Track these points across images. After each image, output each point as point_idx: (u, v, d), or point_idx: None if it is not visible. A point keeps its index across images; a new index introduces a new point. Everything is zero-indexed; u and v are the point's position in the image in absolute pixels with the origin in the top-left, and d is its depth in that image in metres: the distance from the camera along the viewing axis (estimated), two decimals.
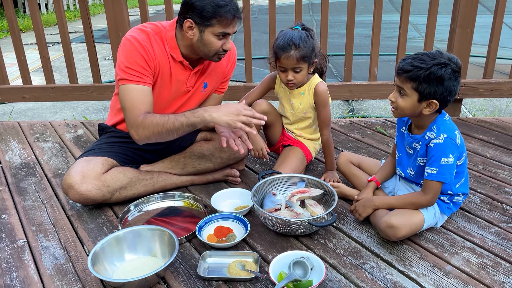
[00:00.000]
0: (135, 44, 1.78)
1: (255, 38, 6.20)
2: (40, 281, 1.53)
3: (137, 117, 1.76)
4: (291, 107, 2.11)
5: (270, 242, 1.69)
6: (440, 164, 1.57)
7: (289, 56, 1.87)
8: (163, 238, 1.59)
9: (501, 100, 3.75)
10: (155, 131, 1.76)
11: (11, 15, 2.91)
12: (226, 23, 1.74)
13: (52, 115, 3.76)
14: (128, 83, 1.77)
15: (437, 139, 1.57)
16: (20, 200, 2.03)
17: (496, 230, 1.73)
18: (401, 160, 1.77)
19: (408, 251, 1.62)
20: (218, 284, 1.48)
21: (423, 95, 1.53)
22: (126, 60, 1.77)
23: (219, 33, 1.75)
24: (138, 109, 1.76)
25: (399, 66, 1.56)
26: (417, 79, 1.51)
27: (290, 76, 1.93)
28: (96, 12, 9.90)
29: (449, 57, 1.52)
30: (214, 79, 2.04)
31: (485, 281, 1.47)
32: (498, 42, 2.79)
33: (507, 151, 2.38)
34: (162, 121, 1.75)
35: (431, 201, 1.63)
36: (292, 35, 1.89)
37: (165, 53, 1.85)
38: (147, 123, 1.75)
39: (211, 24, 1.73)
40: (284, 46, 1.88)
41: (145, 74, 1.79)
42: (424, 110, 1.56)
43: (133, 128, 1.78)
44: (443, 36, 2.99)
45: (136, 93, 1.78)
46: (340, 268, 1.55)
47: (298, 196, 1.84)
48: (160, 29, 1.86)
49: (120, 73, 1.79)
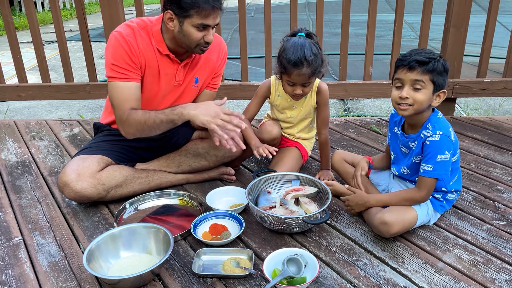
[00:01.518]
0: (119, 39, 1.80)
1: (251, 37, 6.23)
2: (36, 278, 1.54)
3: (123, 114, 1.81)
4: (292, 112, 2.09)
5: (264, 239, 1.71)
6: (436, 161, 1.59)
7: (301, 73, 1.81)
8: (158, 235, 1.60)
9: (495, 99, 3.77)
10: (138, 128, 1.81)
11: (6, 14, 2.90)
12: (205, 14, 1.70)
13: (48, 113, 3.76)
14: (115, 80, 1.80)
15: (433, 136, 1.59)
16: (16, 198, 2.03)
17: (488, 228, 1.75)
18: (396, 160, 1.80)
19: (401, 248, 1.64)
20: (212, 281, 1.50)
21: (437, 86, 1.56)
22: (112, 57, 1.80)
23: (198, 24, 1.72)
24: (124, 106, 1.81)
25: (412, 59, 1.53)
26: (434, 71, 1.54)
27: (298, 90, 1.88)
28: (92, 10, 9.87)
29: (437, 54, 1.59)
30: (205, 74, 2.03)
31: (476, 277, 1.49)
32: (492, 42, 2.81)
33: (499, 150, 2.40)
34: (143, 118, 1.79)
35: (425, 197, 1.64)
36: (304, 49, 1.79)
37: (151, 47, 1.85)
38: (131, 120, 1.80)
39: (189, 15, 1.71)
40: (296, 62, 1.79)
41: (130, 70, 1.81)
42: (434, 102, 1.60)
43: (120, 125, 1.84)
44: (438, 35, 3.01)
45: (122, 90, 1.81)
46: (334, 265, 1.56)
47: (293, 194, 1.85)
48: (146, 24, 1.87)
49: (107, 70, 1.82)
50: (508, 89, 2.88)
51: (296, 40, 1.84)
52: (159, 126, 1.80)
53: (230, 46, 5.88)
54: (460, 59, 2.84)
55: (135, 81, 1.83)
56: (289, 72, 1.83)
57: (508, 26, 6.03)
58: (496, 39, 2.92)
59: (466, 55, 2.98)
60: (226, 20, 2.70)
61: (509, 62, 2.86)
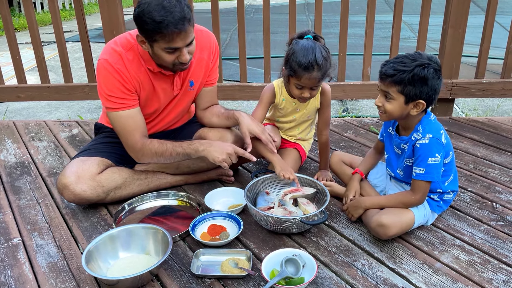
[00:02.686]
0: (109, 69, 1.75)
1: (250, 37, 6.23)
2: (35, 279, 1.54)
3: (135, 143, 1.83)
4: (295, 114, 2.08)
5: (263, 240, 1.71)
6: (427, 164, 1.59)
7: (312, 77, 1.78)
8: (156, 236, 1.61)
9: (494, 100, 3.78)
10: (154, 159, 1.88)
11: (5, 14, 2.91)
12: (169, 39, 1.62)
13: (47, 114, 3.76)
14: (115, 110, 1.80)
15: (423, 139, 1.60)
16: (15, 199, 2.04)
17: (486, 228, 1.75)
18: (390, 161, 1.80)
19: (399, 248, 1.65)
20: (211, 282, 1.50)
21: (409, 97, 1.55)
22: (106, 88, 1.77)
23: (166, 48, 1.66)
24: (133, 135, 1.82)
25: (382, 71, 1.57)
26: (401, 82, 1.53)
27: (306, 93, 1.86)
28: (91, 11, 9.88)
29: (428, 56, 1.54)
30: (200, 75, 2.00)
31: (474, 278, 1.50)
32: (490, 42, 2.82)
33: (498, 151, 2.41)
34: (160, 150, 1.84)
35: (420, 200, 1.65)
36: (315, 53, 1.77)
37: (142, 67, 1.81)
38: (146, 151, 1.84)
39: (155, 40, 1.64)
40: (307, 66, 1.76)
41: (127, 98, 1.79)
42: (412, 111, 1.58)
43: (133, 153, 1.87)
44: (437, 36, 3.02)
45: (125, 119, 1.81)
46: (332, 266, 1.57)
47: (291, 195, 1.86)
48: (131, 44, 1.79)
49: (104, 101, 1.80)
50: (506, 90, 2.89)
51: (305, 43, 1.80)
52: (175, 158, 1.87)
53: (229, 47, 5.91)
54: (458, 59, 2.85)
55: (135, 107, 1.82)
56: (299, 76, 1.80)
57: (506, 27, 6.04)
58: (494, 39, 2.93)
59: (465, 55, 2.99)
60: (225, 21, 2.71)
61: (507, 63, 2.86)
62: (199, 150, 1.82)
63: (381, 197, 1.79)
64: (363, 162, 1.93)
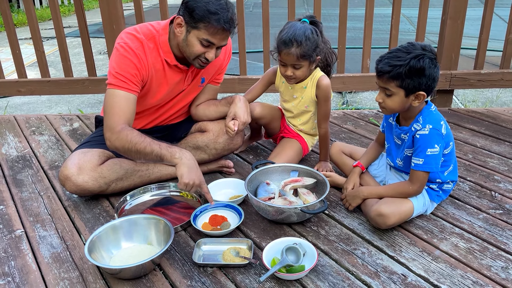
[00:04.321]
0: (128, 51, 1.77)
1: (250, 31, 6.22)
2: (38, 269, 1.56)
3: (116, 124, 1.74)
4: (293, 101, 2.12)
5: (263, 229, 1.73)
6: (426, 155, 1.60)
7: (290, 53, 1.83)
8: (158, 226, 1.62)
9: (493, 91, 3.79)
10: (125, 147, 1.73)
11: (5, 9, 2.91)
12: (213, 32, 1.71)
13: (47, 109, 3.77)
14: (115, 88, 1.77)
15: (423, 130, 1.60)
16: (17, 191, 2.05)
17: (484, 217, 1.77)
18: (390, 151, 1.81)
19: (398, 237, 1.66)
20: (213, 271, 1.52)
21: (409, 90, 1.55)
22: (117, 66, 1.77)
23: (203, 39, 1.72)
24: (119, 116, 1.75)
25: (378, 69, 1.57)
26: (399, 77, 1.52)
27: (289, 72, 1.91)
28: (90, 6, 9.86)
29: (422, 46, 1.53)
30: (211, 72, 2.06)
31: (473, 265, 1.51)
32: (489, 33, 2.82)
33: (496, 141, 2.42)
34: (136, 140, 1.71)
35: (418, 190, 1.66)
36: (296, 30, 1.82)
37: (159, 58, 1.85)
38: (122, 136, 1.72)
39: (197, 27, 1.71)
40: (286, 41, 1.82)
41: (133, 82, 1.79)
42: (413, 102, 1.59)
43: (108, 133, 1.75)
44: (436, 29, 3.02)
45: (119, 99, 1.77)
46: (332, 254, 1.58)
47: (291, 185, 1.87)
48: (153, 34, 1.84)
49: (109, 77, 1.79)
50: (505, 81, 2.90)
51: (294, 23, 1.87)
52: (147, 155, 1.73)
53: None
54: (457, 51, 2.85)
55: (134, 93, 1.80)
56: (280, 51, 1.87)
57: (505, 19, 6.04)
58: (494, 32, 2.93)
59: (464, 48, 2.99)
60: None
61: (506, 53, 2.87)
62: (175, 156, 1.69)
63: (379, 187, 1.80)
64: (365, 155, 1.93)
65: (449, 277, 1.46)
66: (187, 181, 1.67)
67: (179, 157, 1.69)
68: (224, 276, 1.49)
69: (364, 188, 1.80)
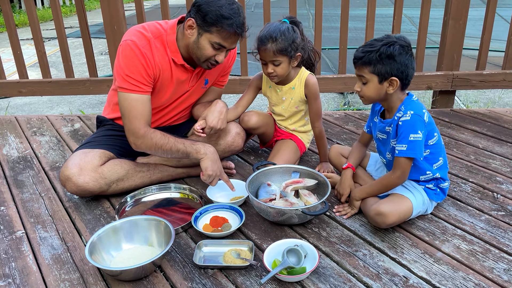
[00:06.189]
0: (135, 51, 1.77)
1: (251, 32, 6.22)
2: (39, 270, 1.55)
3: (138, 129, 1.81)
4: (282, 104, 2.12)
5: (264, 231, 1.72)
6: (409, 140, 1.60)
7: (266, 49, 1.88)
8: (159, 228, 1.62)
9: (495, 92, 3.78)
10: (152, 149, 1.84)
11: (7, 10, 2.91)
12: (225, 36, 1.73)
13: (48, 110, 3.77)
14: (128, 92, 1.79)
15: (405, 116, 1.61)
16: (18, 192, 2.05)
17: (487, 218, 1.76)
18: (379, 148, 1.82)
19: (400, 238, 1.66)
20: (213, 272, 1.51)
21: (381, 75, 1.58)
22: (126, 68, 1.78)
23: (215, 42, 1.75)
24: (138, 120, 1.80)
25: (354, 56, 1.63)
26: (371, 62, 1.57)
27: (269, 69, 1.94)
28: (92, 7, 9.87)
29: (396, 36, 1.60)
30: (215, 74, 2.07)
31: (475, 267, 1.51)
32: (491, 34, 2.81)
33: (499, 142, 2.41)
34: (161, 143, 1.82)
35: (400, 177, 1.65)
36: (271, 27, 1.88)
37: (167, 58, 1.85)
38: (147, 139, 1.81)
39: (210, 31, 1.73)
40: (261, 38, 1.89)
41: (144, 83, 1.80)
42: (388, 89, 1.61)
43: (132, 138, 1.84)
44: (438, 29, 3.02)
45: (135, 103, 1.80)
46: (333, 256, 1.58)
47: (293, 186, 1.87)
48: (160, 33, 1.85)
49: (119, 80, 1.79)
50: (507, 81, 2.89)
51: (272, 23, 1.93)
52: (173, 154, 1.86)
53: None
54: (459, 51, 2.84)
55: (147, 94, 1.83)
56: (258, 49, 1.92)
57: (507, 19, 6.02)
58: (496, 32, 2.92)
59: (466, 48, 2.98)
60: None
61: (508, 54, 2.86)
62: (200, 152, 1.83)
63: (367, 186, 1.79)
64: (351, 155, 1.91)
65: (451, 279, 1.45)
66: (211, 173, 1.83)
67: (204, 153, 1.84)
68: (225, 278, 1.49)
69: (355, 190, 1.80)
